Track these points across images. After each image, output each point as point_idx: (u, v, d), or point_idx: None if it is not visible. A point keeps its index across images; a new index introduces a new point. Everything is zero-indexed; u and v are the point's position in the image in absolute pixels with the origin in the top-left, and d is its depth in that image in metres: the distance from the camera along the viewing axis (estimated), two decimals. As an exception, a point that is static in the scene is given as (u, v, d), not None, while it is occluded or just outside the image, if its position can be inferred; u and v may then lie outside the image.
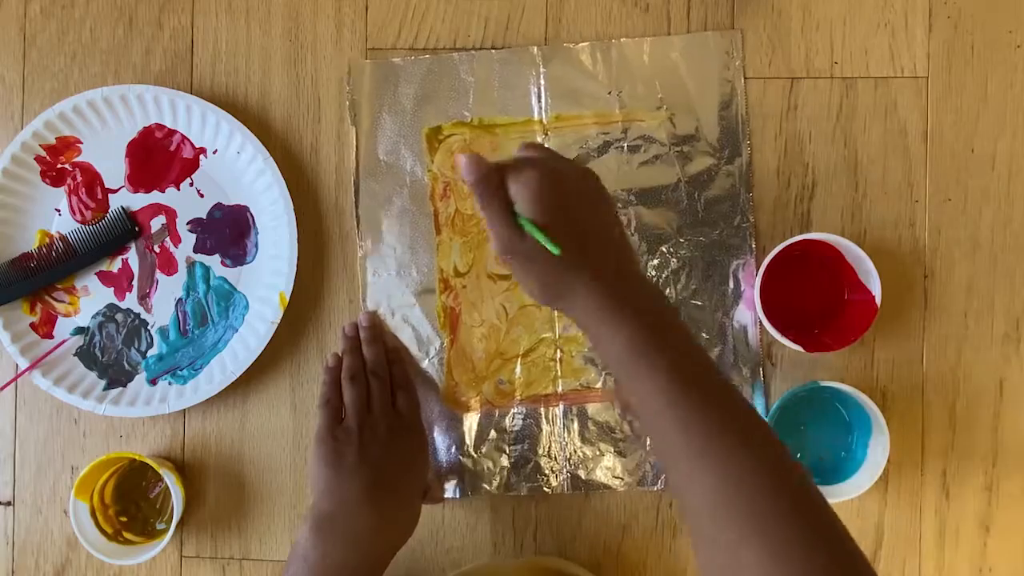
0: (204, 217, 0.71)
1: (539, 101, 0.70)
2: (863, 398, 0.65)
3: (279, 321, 0.69)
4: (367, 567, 0.58)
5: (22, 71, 0.73)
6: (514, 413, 0.70)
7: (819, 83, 0.70)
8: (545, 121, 0.70)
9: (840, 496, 0.66)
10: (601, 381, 0.69)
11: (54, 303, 0.71)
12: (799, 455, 0.69)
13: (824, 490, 0.65)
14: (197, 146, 0.71)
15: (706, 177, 0.69)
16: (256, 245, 0.71)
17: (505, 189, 0.51)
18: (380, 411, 0.64)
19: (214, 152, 0.71)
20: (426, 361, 0.70)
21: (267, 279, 0.70)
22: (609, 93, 0.70)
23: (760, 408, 0.68)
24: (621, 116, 0.70)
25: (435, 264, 0.70)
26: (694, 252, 0.69)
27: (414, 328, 0.70)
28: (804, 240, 0.65)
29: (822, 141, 0.70)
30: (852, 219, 0.70)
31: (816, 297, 0.69)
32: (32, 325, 0.70)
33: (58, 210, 0.71)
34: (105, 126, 0.71)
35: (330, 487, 0.60)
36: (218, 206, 0.71)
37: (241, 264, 0.71)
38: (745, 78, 0.70)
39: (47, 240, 0.71)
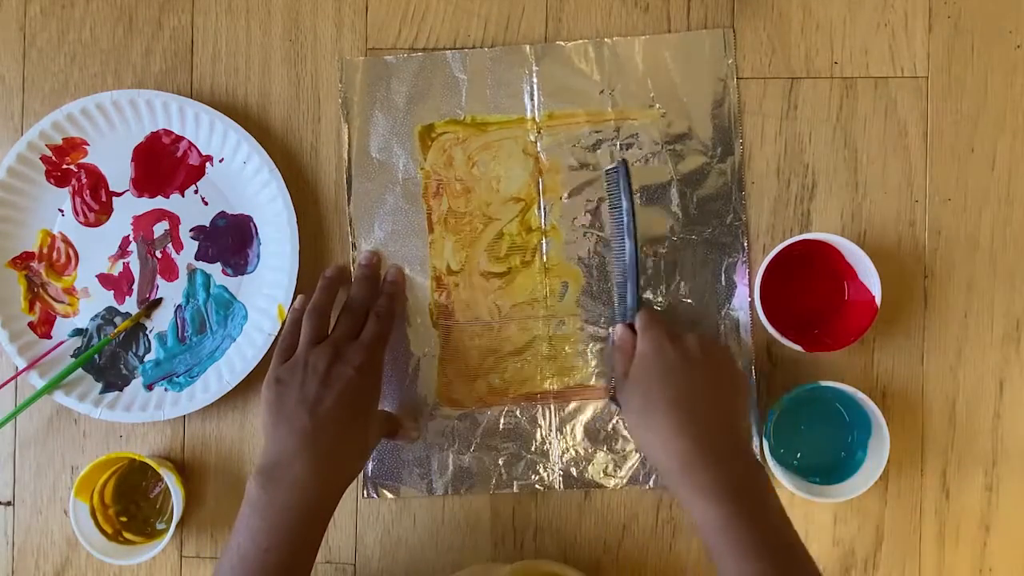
0: (207, 225, 0.71)
1: (532, 99, 0.70)
2: (863, 398, 0.65)
3: (276, 334, 0.69)
4: (315, 507, 0.59)
5: (22, 71, 0.73)
6: (507, 411, 0.70)
7: (819, 83, 0.70)
8: (538, 119, 0.70)
9: (840, 496, 0.66)
10: (593, 379, 0.69)
11: (53, 303, 0.71)
12: (799, 455, 0.69)
13: (824, 490, 0.66)
14: (204, 154, 0.71)
15: (698, 175, 0.69)
16: (258, 255, 0.71)
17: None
18: (331, 342, 0.63)
19: (220, 160, 0.71)
20: (420, 358, 0.70)
21: (267, 290, 0.70)
22: (602, 91, 0.70)
23: (754, 407, 0.68)
24: (614, 114, 0.70)
25: (428, 262, 0.70)
26: (686, 250, 0.69)
27: (408, 326, 0.70)
28: (804, 240, 0.65)
29: (822, 141, 0.70)
30: (852, 219, 0.70)
31: (816, 297, 0.69)
32: (30, 324, 0.70)
33: (61, 211, 0.71)
34: (113, 129, 0.71)
35: (272, 434, 0.60)
36: (222, 215, 0.71)
37: (242, 273, 0.71)
38: (738, 77, 0.70)
39: (48, 240, 0.71)
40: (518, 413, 0.70)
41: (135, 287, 0.71)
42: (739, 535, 0.53)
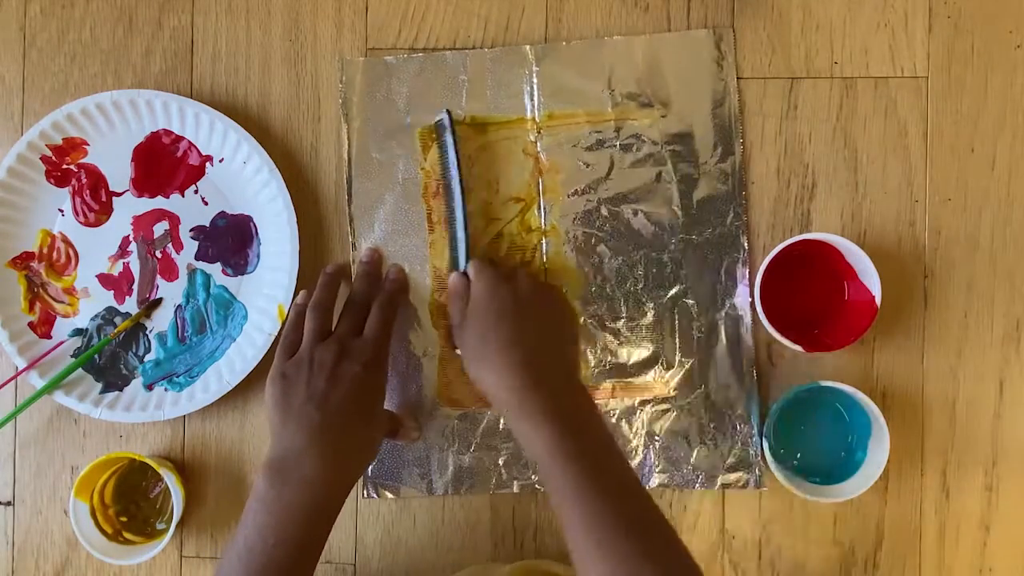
0: (207, 225, 0.71)
1: (532, 99, 0.70)
2: (863, 398, 0.65)
3: (276, 334, 0.69)
4: (323, 503, 0.59)
5: (22, 71, 0.73)
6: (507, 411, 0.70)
7: (819, 83, 0.70)
8: (538, 119, 0.70)
9: (840, 496, 0.66)
10: (594, 379, 0.69)
11: (53, 303, 0.71)
12: (799, 455, 0.69)
13: (824, 490, 0.66)
14: (204, 154, 0.71)
15: (699, 175, 0.69)
16: (258, 255, 0.71)
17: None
18: (336, 338, 0.63)
19: (220, 161, 0.71)
20: (420, 358, 0.70)
21: (267, 290, 0.70)
22: (602, 92, 0.70)
23: (755, 407, 0.69)
24: (614, 115, 0.70)
25: (428, 262, 0.70)
26: (686, 250, 0.69)
27: (407, 326, 0.70)
28: (804, 240, 0.65)
29: (822, 141, 0.70)
30: (852, 219, 0.70)
31: (816, 297, 0.69)
32: (31, 324, 0.70)
33: (61, 211, 0.71)
34: (113, 129, 0.71)
35: (279, 431, 0.60)
36: (222, 215, 0.71)
37: (242, 274, 0.71)
38: (738, 76, 0.70)
39: (48, 240, 0.71)
40: (518, 413, 0.70)
41: (135, 287, 0.71)
42: (564, 446, 0.56)
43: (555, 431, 0.56)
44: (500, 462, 0.70)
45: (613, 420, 0.69)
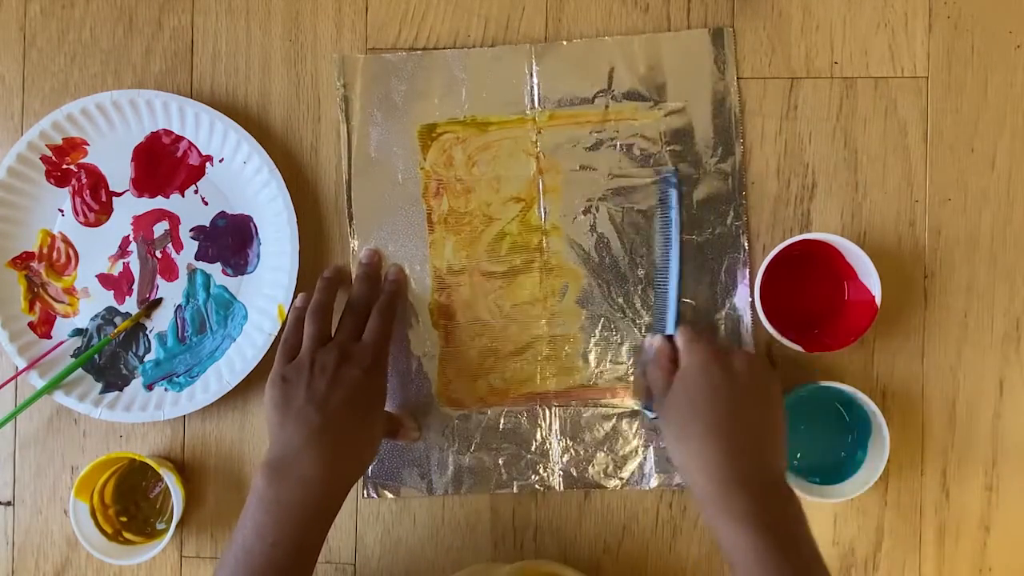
0: (207, 225, 0.71)
1: (532, 99, 0.70)
2: (864, 398, 0.65)
3: (276, 334, 0.69)
4: (321, 504, 0.59)
5: (22, 71, 0.73)
6: (507, 411, 0.70)
7: (819, 83, 0.70)
8: (538, 119, 0.70)
9: (840, 496, 0.66)
10: (594, 379, 0.69)
11: (53, 303, 0.71)
12: (799, 455, 0.69)
13: (824, 490, 0.66)
14: (204, 154, 0.71)
15: (699, 176, 0.69)
16: (258, 255, 0.71)
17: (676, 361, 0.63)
18: (337, 343, 0.63)
19: (220, 160, 0.71)
20: (420, 358, 0.70)
21: (267, 290, 0.70)
22: (602, 91, 0.70)
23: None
24: (614, 114, 0.70)
25: (428, 262, 0.70)
26: (687, 250, 0.69)
27: (408, 326, 0.70)
28: (804, 240, 0.65)
29: (822, 141, 0.70)
30: (852, 219, 0.70)
31: (816, 297, 0.69)
32: (30, 324, 0.70)
33: (61, 211, 0.71)
34: (113, 129, 0.71)
35: (278, 432, 0.60)
36: (222, 215, 0.71)
37: (242, 274, 0.71)
38: (738, 76, 0.70)
39: (48, 240, 0.71)
40: (518, 413, 0.70)
41: (135, 287, 0.71)
42: (769, 568, 0.53)
43: (759, 541, 0.54)
44: (500, 462, 0.70)
45: (613, 420, 0.69)
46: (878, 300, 0.65)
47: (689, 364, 0.61)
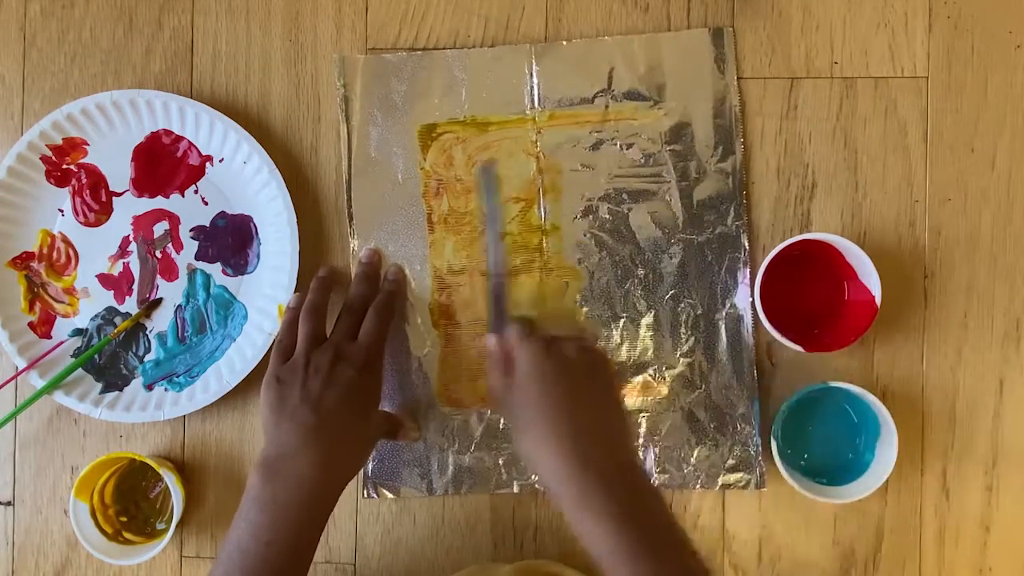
0: (207, 225, 0.71)
1: (532, 99, 0.70)
2: (873, 400, 0.65)
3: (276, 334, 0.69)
4: (316, 502, 0.59)
5: (22, 71, 0.73)
6: (510, 412, 0.70)
7: (819, 83, 0.70)
8: (538, 119, 0.70)
9: (846, 497, 0.66)
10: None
11: (53, 303, 0.71)
12: (806, 455, 0.69)
13: (830, 491, 0.66)
14: (204, 154, 0.71)
15: (699, 175, 0.69)
16: (258, 255, 0.71)
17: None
18: (332, 343, 0.63)
19: (220, 161, 0.71)
20: (421, 358, 0.70)
21: (267, 290, 0.70)
22: (602, 91, 0.70)
23: (756, 407, 0.68)
24: (614, 114, 0.70)
25: (428, 262, 0.70)
26: (687, 251, 0.69)
27: (407, 325, 0.70)
28: (804, 240, 0.65)
29: (822, 141, 0.70)
30: (852, 219, 0.70)
31: (816, 297, 0.69)
32: (30, 324, 0.70)
33: (61, 211, 0.71)
34: (113, 129, 0.71)
35: (273, 432, 0.60)
36: (221, 215, 0.71)
37: (242, 274, 0.71)
38: (738, 76, 0.70)
39: (48, 240, 0.71)
40: (518, 413, 0.70)
41: (135, 287, 0.71)
42: (628, 550, 0.52)
43: (616, 523, 0.53)
44: (500, 462, 0.70)
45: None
46: (878, 300, 0.65)
47: (523, 362, 0.61)
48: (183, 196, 0.71)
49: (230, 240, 0.71)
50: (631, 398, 0.69)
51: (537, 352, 0.60)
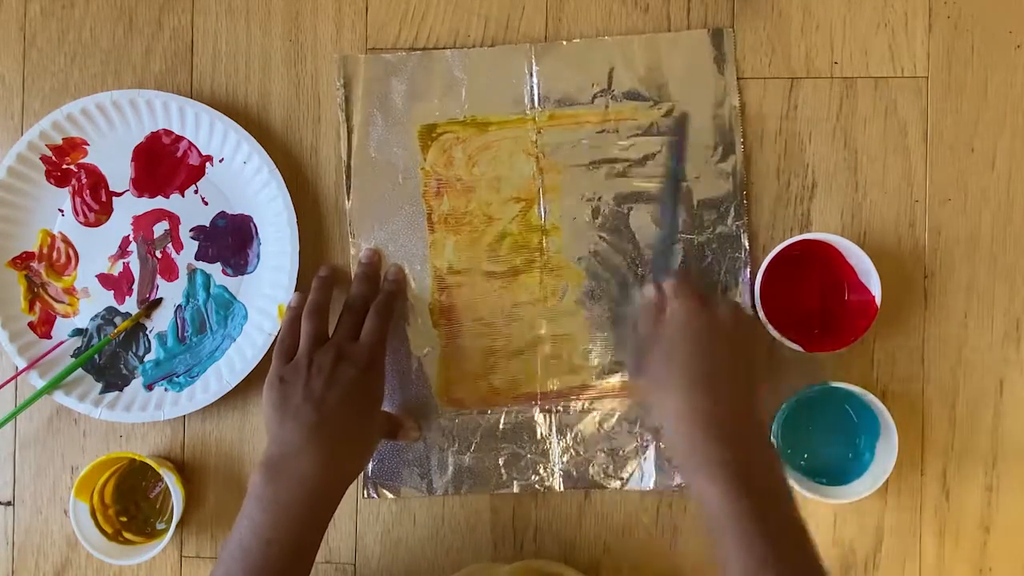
0: (207, 225, 0.71)
1: (532, 99, 0.70)
2: (873, 400, 0.65)
3: (276, 334, 0.69)
4: (318, 502, 0.59)
5: (22, 71, 0.73)
6: (507, 411, 0.70)
7: (819, 83, 0.70)
8: (538, 119, 0.70)
9: (846, 497, 0.66)
10: (595, 379, 0.69)
11: (53, 303, 0.71)
12: (806, 455, 0.69)
13: (830, 491, 0.66)
14: (204, 154, 0.71)
15: (699, 175, 0.69)
16: (258, 255, 0.71)
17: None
18: (334, 343, 0.63)
19: (220, 161, 0.71)
20: (421, 358, 0.70)
21: (267, 290, 0.70)
22: (602, 91, 0.70)
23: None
24: (614, 114, 0.70)
25: (429, 262, 0.70)
26: (688, 251, 0.69)
27: (408, 325, 0.70)
28: (804, 240, 0.65)
29: (822, 141, 0.70)
30: (852, 219, 0.70)
31: (816, 297, 0.69)
32: (30, 324, 0.70)
33: (61, 210, 0.71)
34: (113, 129, 0.71)
35: (276, 431, 0.60)
36: (222, 215, 0.71)
37: (242, 274, 0.71)
38: (738, 76, 0.70)
39: (48, 240, 0.71)
40: (519, 413, 0.70)
41: (135, 287, 0.71)
42: (743, 520, 0.52)
43: (735, 493, 0.52)
44: (500, 462, 0.70)
45: (613, 420, 0.69)
46: (878, 300, 0.65)
47: (674, 310, 0.61)
48: (183, 196, 0.71)
49: (230, 240, 0.71)
50: (632, 398, 0.69)
51: (694, 305, 0.60)
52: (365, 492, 0.70)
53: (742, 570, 0.52)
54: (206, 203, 0.71)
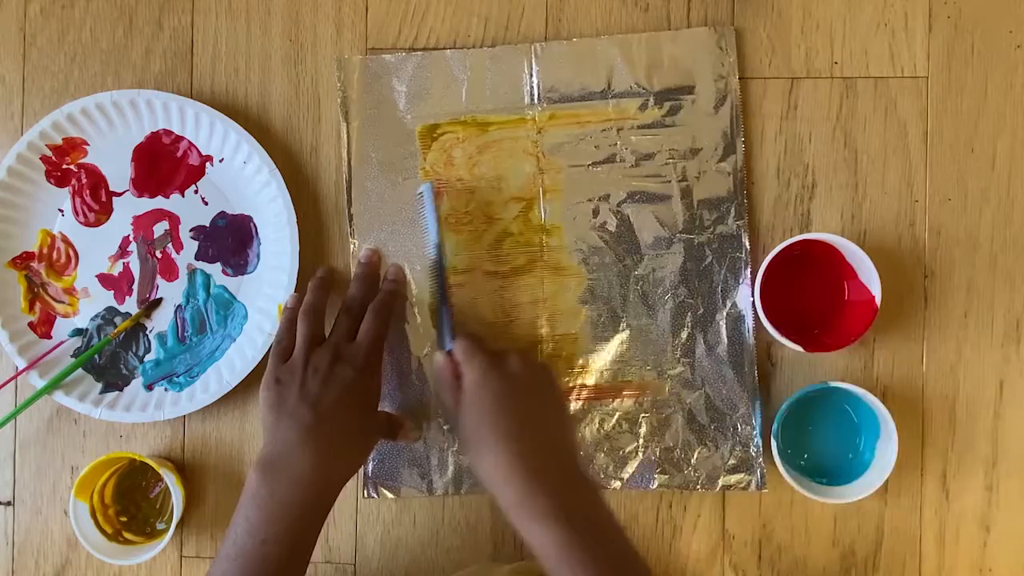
0: (207, 225, 0.71)
1: (532, 99, 0.70)
2: (873, 400, 0.65)
3: None
4: (313, 501, 0.59)
5: (22, 71, 0.73)
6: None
7: (819, 83, 0.70)
8: (538, 119, 0.70)
9: (846, 497, 0.66)
10: (596, 379, 0.69)
11: (53, 303, 0.71)
12: (806, 455, 0.69)
13: (830, 491, 0.66)
14: (204, 154, 0.71)
15: (700, 175, 0.69)
16: (258, 255, 0.71)
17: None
18: (331, 343, 0.63)
19: (220, 161, 0.71)
20: (421, 358, 0.70)
21: (267, 290, 0.70)
22: (602, 91, 0.70)
23: (756, 407, 0.68)
24: (614, 113, 0.70)
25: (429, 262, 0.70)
26: (688, 250, 0.69)
27: (408, 325, 0.70)
28: (804, 240, 0.65)
29: (822, 141, 0.70)
30: (852, 219, 0.70)
31: (816, 297, 0.69)
32: (30, 324, 0.70)
33: (61, 210, 0.71)
34: (113, 129, 0.71)
35: (272, 431, 0.60)
36: (221, 215, 0.71)
37: (242, 274, 0.71)
38: (739, 76, 0.70)
39: (48, 240, 0.71)
40: (518, 413, 0.70)
41: (135, 287, 0.71)
42: (575, 559, 0.54)
43: (564, 534, 0.54)
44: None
45: (613, 420, 0.69)
46: (878, 300, 0.65)
47: (469, 378, 0.61)
48: (183, 196, 0.71)
49: (230, 240, 0.71)
50: (631, 398, 0.69)
51: (484, 367, 0.61)
52: (365, 492, 0.70)
53: None
54: (206, 203, 0.71)
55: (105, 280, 0.71)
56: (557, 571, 0.54)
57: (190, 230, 0.71)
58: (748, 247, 0.69)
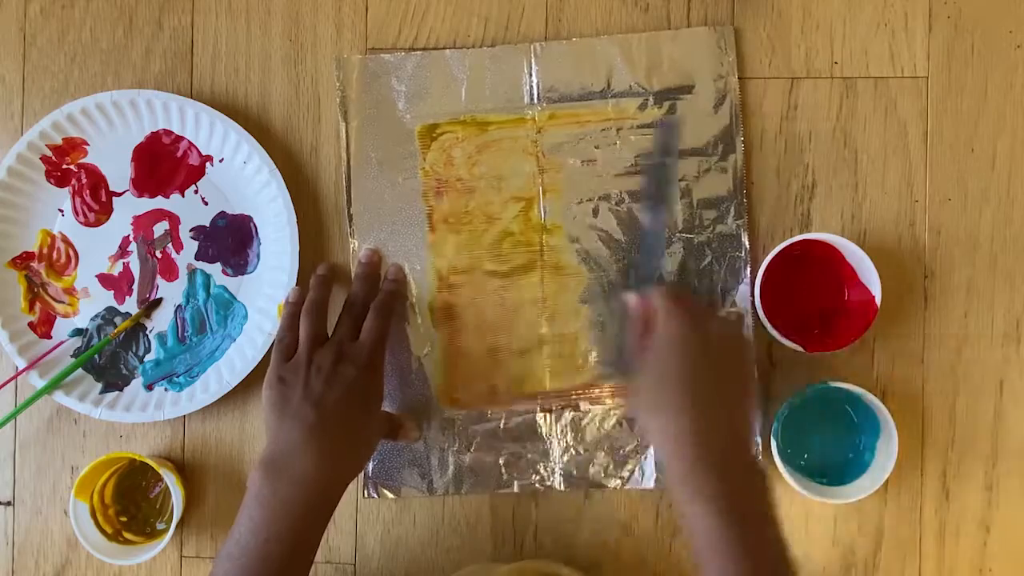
0: (207, 225, 0.71)
1: (532, 98, 0.70)
2: (873, 400, 0.65)
3: None
4: (317, 501, 0.59)
5: (22, 71, 0.73)
6: (508, 410, 0.70)
7: (819, 83, 0.70)
8: (538, 118, 0.70)
9: (846, 497, 0.66)
10: (595, 379, 0.69)
11: (53, 303, 0.71)
12: (806, 455, 0.69)
13: (830, 491, 0.66)
14: (204, 154, 0.71)
15: (699, 174, 0.69)
16: (258, 255, 0.71)
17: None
18: (334, 342, 0.63)
19: (220, 161, 0.71)
20: (421, 358, 0.70)
21: (267, 290, 0.70)
22: (602, 90, 0.70)
23: (758, 406, 0.68)
24: (614, 113, 0.70)
25: (429, 262, 0.70)
26: (687, 250, 0.69)
27: (408, 325, 0.70)
28: (804, 240, 0.65)
29: (822, 141, 0.70)
30: (852, 219, 0.70)
31: (816, 297, 0.69)
32: (30, 324, 0.70)
33: (61, 210, 0.71)
34: (113, 129, 0.71)
35: (275, 431, 0.60)
36: (221, 215, 0.71)
37: (242, 274, 0.71)
38: (739, 76, 0.70)
39: (48, 240, 0.71)
40: (519, 413, 0.70)
41: (135, 287, 0.71)
42: (725, 545, 0.53)
43: (725, 525, 0.53)
44: (500, 462, 0.70)
45: (613, 420, 0.69)
46: (878, 300, 0.65)
47: (665, 332, 0.60)
48: (183, 196, 0.71)
49: (230, 240, 0.71)
50: (623, 408, 0.69)
51: (687, 324, 0.59)
52: (365, 492, 0.70)
53: None
54: (206, 203, 0.71)
55: (105, 280, 0.71)
56: (704, 555, 0.53)
57: (190, 230, 0.71)
58: (748, 247, 0.69)
